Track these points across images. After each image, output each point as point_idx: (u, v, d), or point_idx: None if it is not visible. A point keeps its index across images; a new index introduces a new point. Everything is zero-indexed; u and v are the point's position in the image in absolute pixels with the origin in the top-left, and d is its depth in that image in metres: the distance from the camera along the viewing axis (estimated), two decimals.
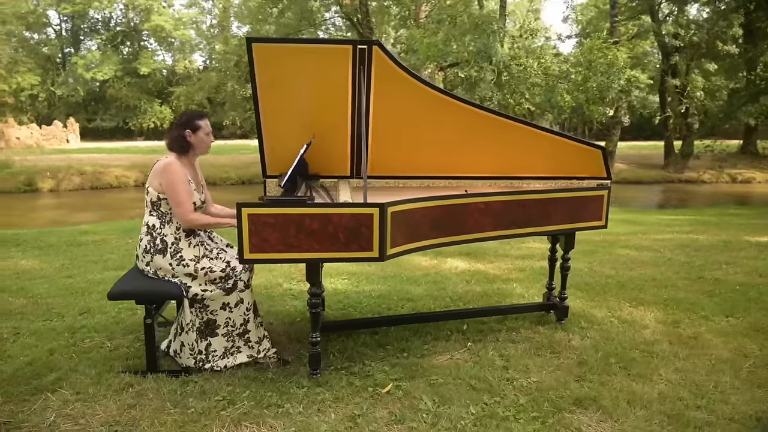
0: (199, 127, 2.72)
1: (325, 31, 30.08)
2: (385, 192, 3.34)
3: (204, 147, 2.78)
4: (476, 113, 3.28)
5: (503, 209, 2.99)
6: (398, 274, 4.63)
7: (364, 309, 3.74)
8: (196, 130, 2.72)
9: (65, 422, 2.30)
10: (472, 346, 3.11)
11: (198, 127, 2.72)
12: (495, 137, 3.36)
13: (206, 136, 2.76)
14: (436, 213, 2.77)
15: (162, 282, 2.69)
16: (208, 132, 2.78)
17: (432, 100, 3.16)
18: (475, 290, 4.19)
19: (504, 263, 5.08)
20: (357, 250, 2.53)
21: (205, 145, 2.77)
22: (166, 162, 2.66)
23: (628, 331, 3.38)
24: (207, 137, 2.77)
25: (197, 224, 2.68)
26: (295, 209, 2.45)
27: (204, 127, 2.75)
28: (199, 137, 2.73)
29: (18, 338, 3.12)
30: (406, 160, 3.41)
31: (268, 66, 2.92)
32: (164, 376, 2.68)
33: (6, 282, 4.28)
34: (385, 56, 2.93)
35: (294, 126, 3.14)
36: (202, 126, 2.73)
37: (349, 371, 2.78)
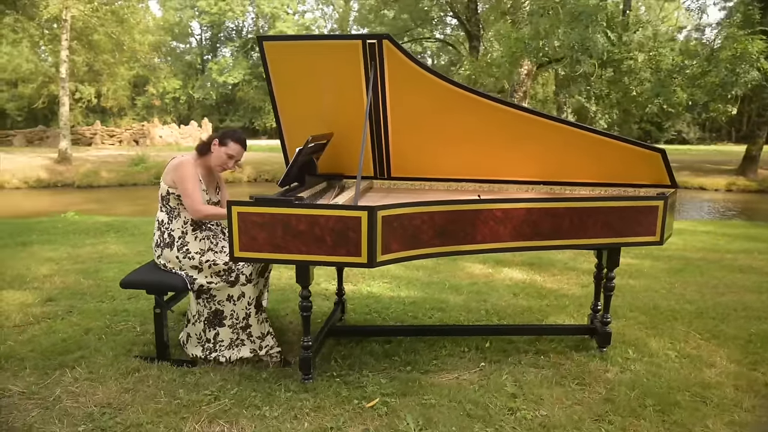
0: (226, 145, 2.78)
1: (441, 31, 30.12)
2: (407, 194, 3.18)
3: (218, 162, 2.81)
4: (509, 112, 2.98)
5: (526, 218, 2.67)
6: (443, 280, 4.40)
7: (389, 315, 3.60)
8: (222, 146, 2.78)
9: (67, 398, 2.48)
10: (485, 367, 2.83)
11: (225, 144, 2.78)
12: (533, 138, 3.03)
13: (227, 157, 2.79)
14: (441, 219, 2.55)
15: (169, 274, 2.80)
16: (231, 155, 2.79)
17: (455, 97, 2.92)
18: (519, 305, 3.84)
19: (567, 277, 4.60)
20: (345, 255, 2.41)
21: (220, 161, 2.80)
22: (180, 160, 2.76)
23: (686, 368, 2.86)
24: (226, 158, 2.79)
25: (205, 214, 2.74)
26: (281, 209, 2.40)
27: (229, 148, 2.77)
28: (219, 151, 2.78)
29: (68, 316, 3.46)
30: (432, 162, 3.21)
31: (281, 64, 2.90)
32: (168, 365, 2.79)
33: (87, 264, 4.79)
34: (396, 51, 2.77)
35: (313, 124, 3.09)
36: (229, 146, 2.78)
37: (344, 380, 2.67)
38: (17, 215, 10.17)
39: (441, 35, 30.33)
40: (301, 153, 2.63)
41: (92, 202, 13.45)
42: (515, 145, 3.08)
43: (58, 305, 3.65)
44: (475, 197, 2.77)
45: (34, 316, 3.44)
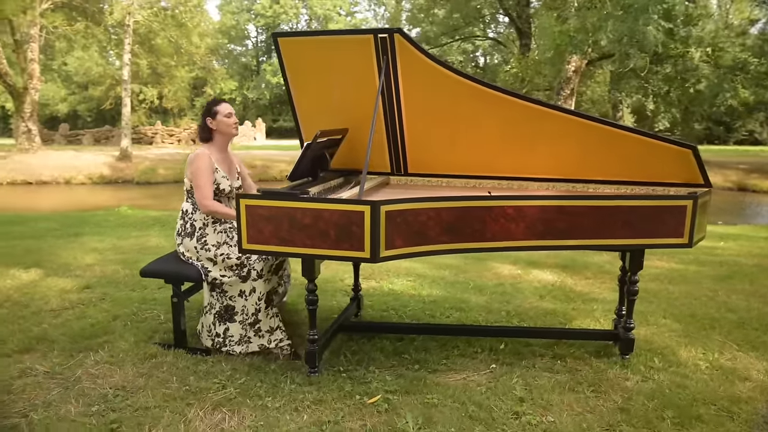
0: (217, 112, 2.84)
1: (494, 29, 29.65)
2: (423, 191, 3.13)
3: (227, 129, 2.89)
4: (529, 107, 2.87)
5: (540, 216, 2.57)
6: (468, 280, 4.31)
7: (406, 314, 3.56)
8: (215, 116, 2.85)
9: (86, 379, 2.61)
10: (496, 369, 2.75)
11: (215, 113, 2.84)
12: (555, 134, 2.91)
13: (226, 117, 2.86)
14: (448, 216, 2.50)
15: (186, 265, 2.89)
16: (227, 114, 2.87)
17: (472, 92, 2.85)
18: (543, 307, 3.70)
19: (600, 281, 4.40)
20: (348, 249, 2.41)
21: (227, 126, 2.88)
22: (195, 154, 2.84)
23: (716, 380, 2.67)
24: (227, 119, 2.87)
25: (212, 211, 2.81)
26: (286, 203, 2.42)
27: (221, 110, 2.85)
28: (219, 121, 2.85)
29: (100, 303, 3.64)
30: (449, 158, 3.15)
31: (296, 60, 2.94)
32: (184, 353, 2.88)
33: (128, 255, 5.03)
34: (409, 45, 2.74)
35: (328, 119, 3.10)
36: (219, 110, 2.85)
37: (349, 375, 2.67)
38: (78, 208, 10.84)
39: (493, 33, 29.86)
40: (310, 147, 2.65)
41: (148, 198, 14.14)
42: (536, 141, 2.98)
43: (93, 292, 3.85)
44: (486, 194, 2.70)
45: (70, 301, 3.65)
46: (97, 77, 30.72)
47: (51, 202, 13.75)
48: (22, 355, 2.85)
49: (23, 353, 2.87)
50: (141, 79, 28.06)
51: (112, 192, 15.56)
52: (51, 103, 33.31)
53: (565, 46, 10.41)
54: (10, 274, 4.28)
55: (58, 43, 27.44)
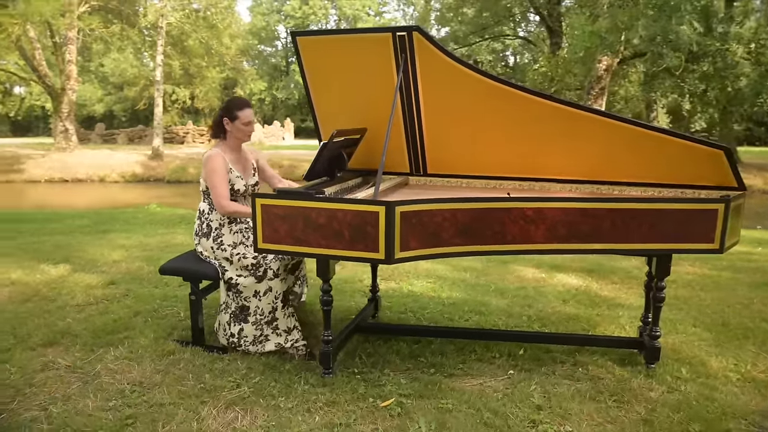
0: (237, 117, 2.83)
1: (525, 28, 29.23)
2: (442, 191, 3.08)
3: (241, 136, 2.88)
4: (552, 106, 2.79)
5: (561, 218, 2.49)
6: (490, 283, 4.23)
7: (425, 316, 3.51)
8: (234, 120, 2.84)
9: (105, 374, 2.65)
10: (514, 375, 2.68)
11: (236, 117, 2.83)
12: (578, 134, 2.82)
13: (244, 126, 2.86)
14: (464, 217, 2.44)
15: (204, 263, 2.91)
16: (247, 122, 2.86)
17: (493, 90, 2.79)
18: (566, 312, 3.60)
19: (627, 286, 4.26)
20: (362, 250, 2.38)
21: (242, 134, 2.88)
22: (208, 155, 2.85)
23: (747, 393, 2.54)
24: (245, 127, 2.86)
25: (230, 212, 2.81)
26: (301, 202, 2.41)
27: (242, 117, 2.84)
28: (236, 126, 2.85)
29: (123, 299, 3.71)
30: (469, 158, 3.09)
31: (315, 59, 2.92)
32: (201, 350, 2.90)
33: (153, 252, 5.12)
34: (428, 43, 2.69)
35: (347, 119, 3.08)
36: (240, 117, 2.83)
37: (364, 377, 2.64)
38: (110, 206, 11.13)
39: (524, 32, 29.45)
40: (326, 147, 2.63)
41: (178, 196, 14.44)
42: (559, 142, 2.89)
43: (117, 288, 3.93)
44: (505, 195, 2.63)
45: (95, 297, 3.73)
46: (132, 78, 31.60)
47: (85, 200, 14.18)
48: (46, 348, 2.92)
49: (47, 347, 2.94)
50: (174, 80, 28.72)
51: (143, 190, 15.94)
52: (88, 104, 34.39)
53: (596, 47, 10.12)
54: (40, 269, 4.41)
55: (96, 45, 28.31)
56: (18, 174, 17.24)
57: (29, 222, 6.87)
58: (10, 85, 32.80)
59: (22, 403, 2.39)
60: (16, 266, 4.44)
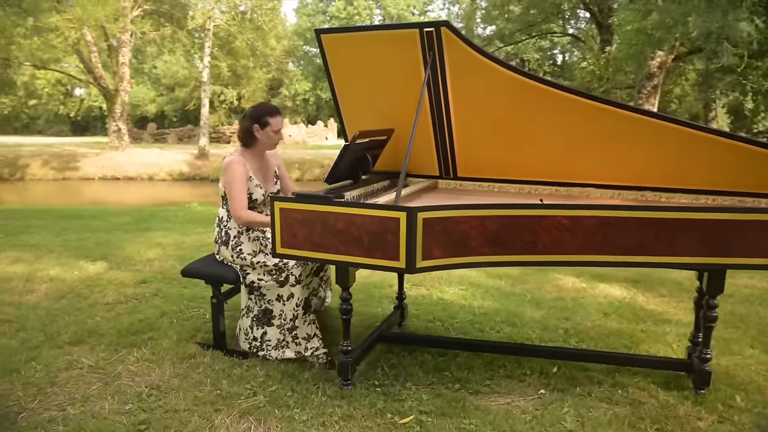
0: (268, 124, 2.76)
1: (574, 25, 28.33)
2: (473, 196, 2.92)
3: (270, 144, 2.83)
4: (593, 106, 2.58)
5: (600, 228, 2.29)
6: (525, 292, 4.02)
7: (453, 325, 3.35)
8: (265, 126, 2.77)
9: (126, 376, 2.64)
10: (545, 395, 2.49)
11: (267, 124, 2.76)
12: (622, 136, 2.61)
13: (274, 134, 2.79)
14: (494, 225, 2.28)
15: (226, 266, 2.86)
16: (277, 130, 2.79)
17: (527, 89, 2.61)
18: (607, 327, 3.35)
19: (677, 299, 3.95)
20: (382, 258, 2.26)
21: (271, 142, 2.82)
22: (228, 161, 2.78)
23: None
24: (275, 135, 2.80)
25: (247, 221, 2.74)
26: (319, 206, 2.31)
27: (273, 125, 2.77)
28: (266, 133, 2.78)
29: (152, 298, 3.73)
30: (502, 161, 2.91)
31: (340, 57, 2.82)
32: (221, 354, 2.85)
33: (187, 251, 5.17)
34: (457, 39, 2.53)
35: (374, 119, 2.97)
36: (272, 123, 2.76)
37: (384, 390, 2.52)
38: (155, 204, 11.47)
39: (573, 30, 28.54)
40: (348, 149, 2.52)
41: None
42: (602, 144, 2.68)
43: (148, 287, 3.96)
44: (537, 201, 2.45)
45: (125, 295, 3.76)
46: (183, 80, 32.65)
47: (133, 197, 14.70)
48: (73, 347, 2.95)
49: (74, 345, 2.97)
50: (222, 81, 29.46)
51: (189, 188, 16.38)
52: (141, 104, 35.77)
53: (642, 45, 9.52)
54: (78, 265, 4.51)
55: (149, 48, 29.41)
56: (74, 171, 18.09)
57: (76, 218, 7.12)
58: (71, 87, 34.62)
59: (43, 402, 2.40)
60: (56, 263, 4.56)
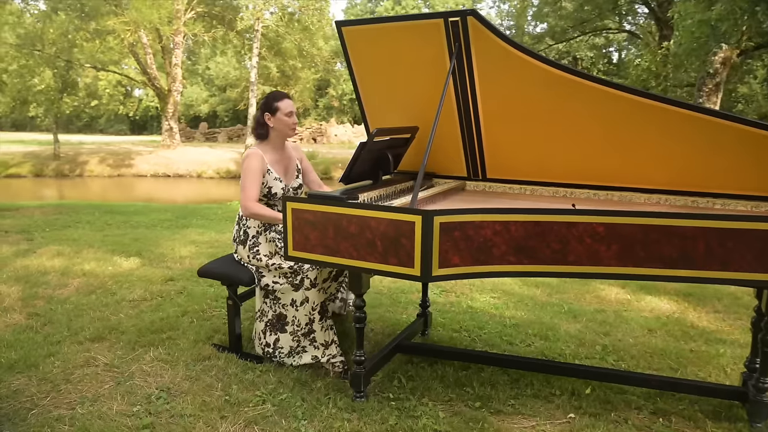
0: (278, 109, 2.68)
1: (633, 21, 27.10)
2: (502, 199, 2.72)
3: (285, 128, 2.73)
4: (639, 103, 2.33)
5: (640, 237, 2.05)
6: (562, 302, 3.76)
7: (481, 336, 3.15)
8: (275, 112, 2.69)
9: (138, 376, 2.60)
10: (575, 420, 2.26)
11: (276, 109, 2.68)
12: (671, 135, 2.34)
13: (286, 116, 2.70)
14: (519, 231, 2.08)
15: (242, 268, 2.78)
16: (288, 112, 2.70)
17: (563, 84, 2.38)
18: (651, 345, 3.06)
19: (734, 316, 3.59)
20: (396, 264, 2.10)
21: (285, 126, 2.72)
22: (247, 153, 2.72)
23: None
24: (287, 118, 2.71)
25: (253, 213, 2.65)
26: (332, 208, 2.18)
27: (282, 107, 2.69)
28: (278, 119, 2.70)
29: (177, 297, 3.71)
30: (535, 162, 2.69)
31: (362, 51, 2.68)
32: (236, 358, 2.78)
33: (219, 249, 5.17)
34: (484, 29, 2.34)
35: (398, 116, 2.82)
36: (281, 107, 2.68)
37: (398, 405, 2.36)
38: (198, 201, 11.73)
39: (630, 25, 27.30)
40: (365, 148, 2.38)
41: None
42: (648, 144, 2.42)
43: (174, 285, 3.96)
44: (569, 207, 2.22)
45: (151, 293, 3.77)
46: (234, 80, 33.51)
47: (181, 194, 15.13)
48: (93, 343, 2.95)
49: (94, 341, 2.97)
50: (271, 81, 30.05)
51: (234, 186, 16.71)
52: (195, 104, 37.01)
53: (705, 39, 8.81)
54: (113, 261, 4.59)
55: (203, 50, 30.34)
56: (128, 168, 18.86)
57: (121, 214, 7.33)
58: (130, 88, 36.27)
59: (55, 400, 2.39)
60: (93, 257, 4.66)
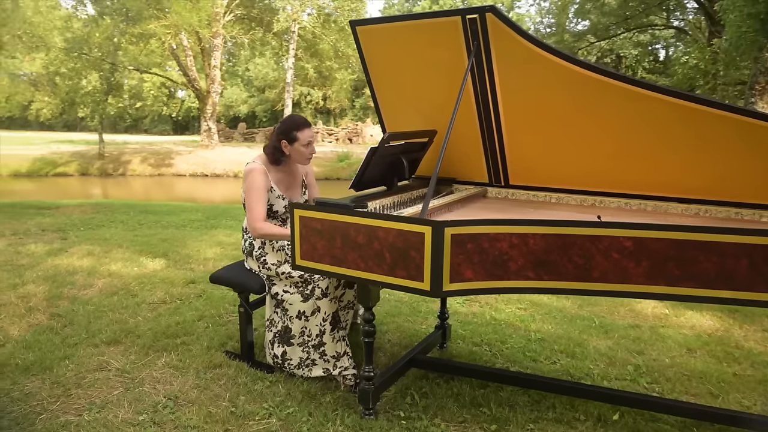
0: (296, 139, 2.61)
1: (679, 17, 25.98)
2: (524, 208, 2.55)
3: (301, 159, 2.66)
4: (676, 104, 2.13)
5: (674, 254, 1.86)
6: (593, 316, 3.54)
7: (503, 351, 2.98)
8: (293, 142, 2.62)
9: (148, 383, 2.57)
10: None
11: (295, 139, 2.61)
12: (714, 141, 2.14)
13: (304, 147, 2.62)
14: (539, 245, 1.92)
15: (252, 275, 2.72)
16: (307, 143, 2.62)
17: (591, 84, 2.20)
18: (690, 367, 2.83)
19: None
20: (404, 277, 1.98)
21: (302, 156, 2.65)
22: (249, 168, 2.63)
23: None
24: (305, 149, 2.63)
25: (263, 234, 2.58)
26: (339, 216, 2.08)
27: (301, 139, 2.60)
28: (295, 149, 2.63)
29: (195, 300, 3.69)
30: (561, 168, 2.52)
31: (377, 51, 2.57)
32: (247, 366, 2.72)
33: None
34: (505, 26, 2.19)
35: (416, 118, 2.70)
36: (300, 138, 2.60)
37: (409, 425, 2.23)
38: (232, 201, 11.87)
39: (678, 21, 26.19)
40: (376, 153, 2.26)
41: None
42: (684, 149, 2.22)
43: (195, 288, 3.95)
44: (594, 218, 2.05)
45: (171, 295, 3.77)
46: (272, 81, 34.03)
47: (218, 193, 15.40)
48: (108, 347, 2.95)
49: (110, 345, 2.97)
50: (309, 82, 30.30)
51: None
52: (234, 105, 37.74)
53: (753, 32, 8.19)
54: (139, 261, 4.63)
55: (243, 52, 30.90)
56: (168, 168, 19.36)
57: (154, 213, 7.46)
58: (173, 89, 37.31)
59: (64, 405, 2.38)
60: (120, 258, 4.72)
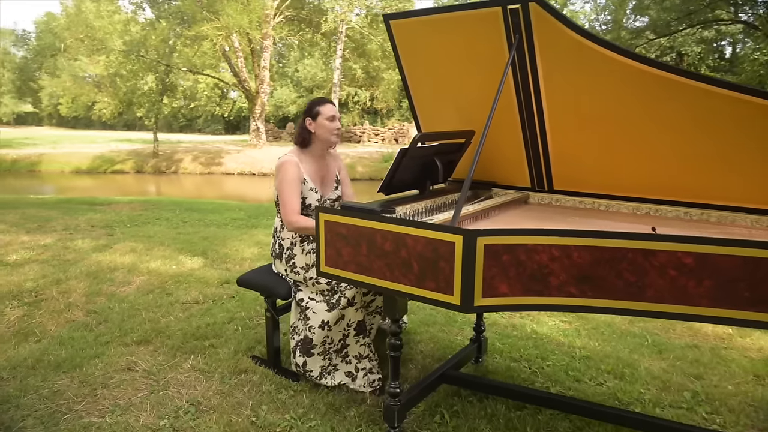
0: (319, 113, 2.51)
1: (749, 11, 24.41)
2: (569, 215, 2.34)
3: (327, 134, 2.54)
4: (747, 103, 1.88)
5: (740, 274, 1.62)
6: (646, 333, 3.26)
7: (543, 369, 2.76)
8: (316, 117, 2.51)
9: (173, 387, 2.53)
10: None
11: (317, 113, 2.51)
12: None
13: (328, 121, 2.51)
14: (584, 258, 1.73)
15: (280, 279, 2.63)
16: (330, 116, 2.51)
17: (648, 81, 1.98)
18: (756, 395, 2.53)
19: None
20: (433, 290, 1.83)
21: (327, 131, 2.53)
22: (281, 161, 2.55)
23: None
24: (330, 123, 2.51)
25: (299, 228, 2.48)
26: (366, 222, 1.95)
27: (324, 112, 2.50)
28: (319, 124, 2.51)
29: (228, 302, 3.66)
30: (612, 172, 2.30)
31: (412, 46, 2.42)
32: (272, 373, 2.64)
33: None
34: (550, 17, 1.99)
35: (454, 119, 2.54)
36: (322, 111, 2.50)
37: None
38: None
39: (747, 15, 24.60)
40: (406, 155, 2.12)
41: None
42: (752, 152, 1.96)
43: (228, 289, 3.92)
44: (648, 230, 1.82)
45: (204, 296, 3.75)
46: (321, 81, 34.42)
47: (264, 192, 15.63)
48: (138, 346, 2.94)
49: (140, 344, 2.96)
50: (357, 83, 30.43)
51: None
52: (283, 105, 38.43)
53: None
54: (178, 259, 4.67)
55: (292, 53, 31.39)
56: (218, 167, 19.87)
57: (198, 211, 7.59)
58: (226, 90, 38.39)
59: (89, 405, 2.36)
60: (160, 255, 4.77)
